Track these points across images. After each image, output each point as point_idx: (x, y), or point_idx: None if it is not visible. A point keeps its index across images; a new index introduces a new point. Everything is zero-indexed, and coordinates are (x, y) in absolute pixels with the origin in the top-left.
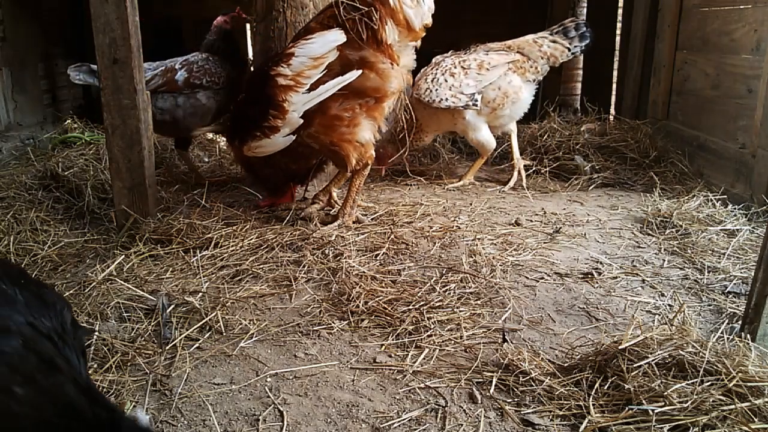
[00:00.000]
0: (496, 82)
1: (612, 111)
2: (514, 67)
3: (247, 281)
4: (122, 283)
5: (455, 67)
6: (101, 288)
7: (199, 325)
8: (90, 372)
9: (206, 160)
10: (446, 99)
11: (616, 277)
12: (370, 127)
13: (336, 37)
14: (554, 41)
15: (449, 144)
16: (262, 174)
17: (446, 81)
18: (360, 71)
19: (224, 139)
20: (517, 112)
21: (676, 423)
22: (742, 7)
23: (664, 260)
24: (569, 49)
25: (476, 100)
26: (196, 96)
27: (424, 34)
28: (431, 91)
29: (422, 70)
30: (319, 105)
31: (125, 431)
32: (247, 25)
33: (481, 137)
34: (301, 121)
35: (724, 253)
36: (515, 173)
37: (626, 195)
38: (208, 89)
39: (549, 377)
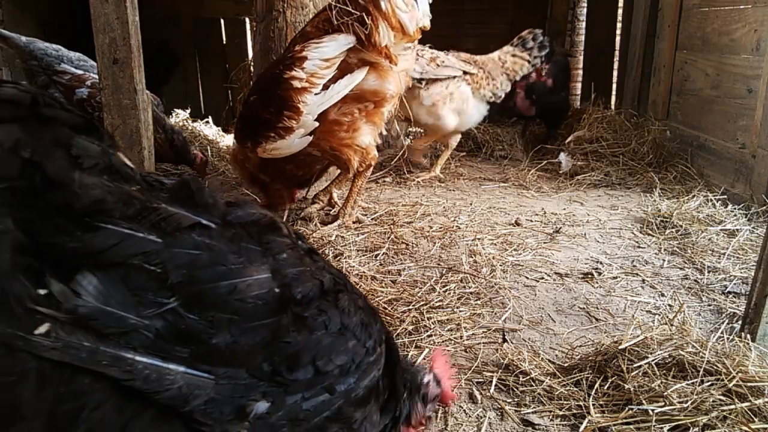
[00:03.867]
0: (445, 81)
1: (612, 111)
2: (470, 80)
3: None
4: None
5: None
6: None
7: None
8: None
9: None
10: None
11: (616, 277)
12: (370, 131)
13: (348, 40)
14: (514, 55)
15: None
16: (266, 182)
17: None
18: (366, 68)
19: (229, 143)
20: (461, 122)
21: (676, 423)
22: (742, 7)
23: (664, 260)
24: (529, 61)
25: (421, 81)
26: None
27: (420, 36)
28: None
29: None
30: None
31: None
32: (248, 25)
33: (441, 120)
34: (316, 124)
35: (724, 253)
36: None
37: (626, 195)
38: None
39: (549, 377)
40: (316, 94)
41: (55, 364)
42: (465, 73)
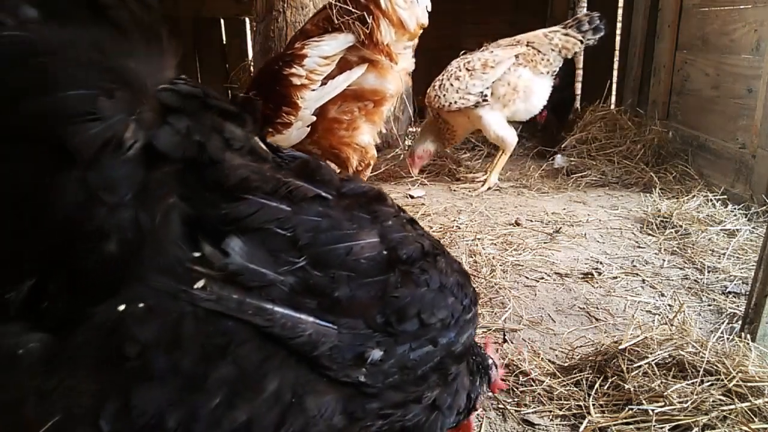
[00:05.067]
0: (505, 77)
1: (612, 111)
2: (524, 61)
3: None
4: None
5: (460, 70)
6: None
7: None
8: None
9: None
10: (455, 102)
11: (616, 277)
12: (369, 131)
13: (348, 39)
14: (566, 34)
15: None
16: None
17: (452, 85)
18: (366, 65)
19: None
20: (534, 105)
21: (676, 423)
22: (742, 7)
23: (664, 260)
24: (582, 41)
25: (486, 96)
26: None
27: (420, 32)
28: (440, 97)
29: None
30: (318, 109)
31: None
32: (248, 25)
33: (501, 132)
34: (314, 118)
35: (724, 253)
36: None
37: (626, 195)
38: None
39: (549, 377)
40: (314, 90)
41: (207, 309)
42: (516, 56)
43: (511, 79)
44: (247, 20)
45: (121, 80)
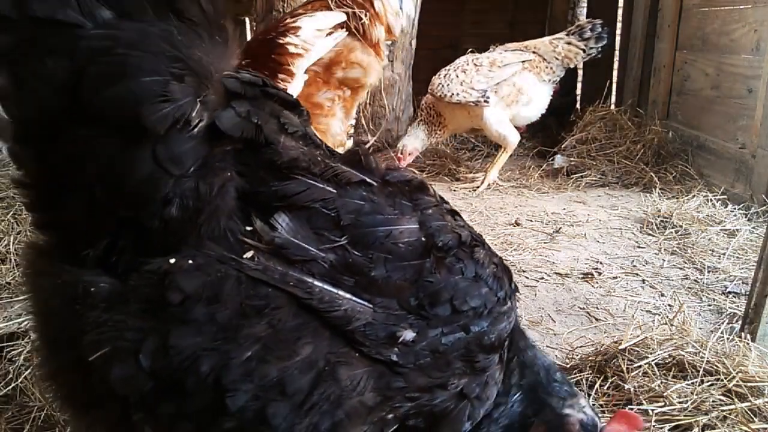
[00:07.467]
0: (510, 78)
1: (612, 111)
2: (529, 66)
3: None
4: None
5: (468, 64)
6: None
7: None
8: None
9: None
10: (457, 94)
11: (616, 277)
12: (341, 121)
13: (340, 16)
14: (569, 43)
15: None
16: None
17: (457, 77)
18: (347, 32)
19: None
20: (533, 111)
21: (676, 423)
22: (742, 7)
23: (664, 260)
24: (584, 50)
25: (488, 97)
26: None
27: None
28: (443, 86)
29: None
30: (304, 92)
31: None
32: (248, 25)
33: (503, 129)
34: (306, 76)
35: (724, 253)
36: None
37: (626, 195)
38: None
39: None
40: (306, 58)
41: (248, 275)
42: (523, 62)
43: (516, 80)
44: (247, 20)
45: (188, 68)
